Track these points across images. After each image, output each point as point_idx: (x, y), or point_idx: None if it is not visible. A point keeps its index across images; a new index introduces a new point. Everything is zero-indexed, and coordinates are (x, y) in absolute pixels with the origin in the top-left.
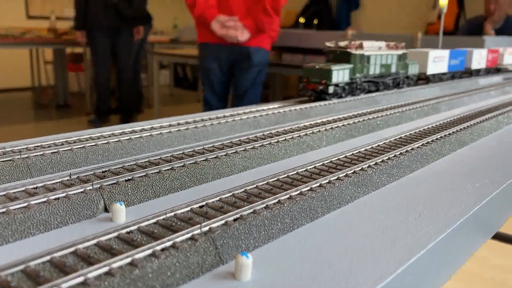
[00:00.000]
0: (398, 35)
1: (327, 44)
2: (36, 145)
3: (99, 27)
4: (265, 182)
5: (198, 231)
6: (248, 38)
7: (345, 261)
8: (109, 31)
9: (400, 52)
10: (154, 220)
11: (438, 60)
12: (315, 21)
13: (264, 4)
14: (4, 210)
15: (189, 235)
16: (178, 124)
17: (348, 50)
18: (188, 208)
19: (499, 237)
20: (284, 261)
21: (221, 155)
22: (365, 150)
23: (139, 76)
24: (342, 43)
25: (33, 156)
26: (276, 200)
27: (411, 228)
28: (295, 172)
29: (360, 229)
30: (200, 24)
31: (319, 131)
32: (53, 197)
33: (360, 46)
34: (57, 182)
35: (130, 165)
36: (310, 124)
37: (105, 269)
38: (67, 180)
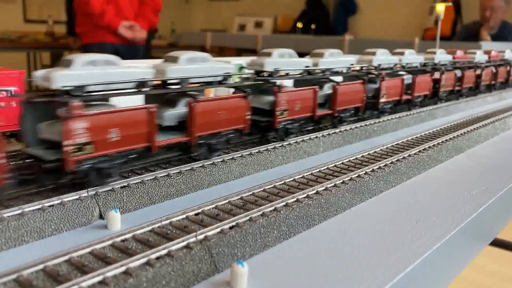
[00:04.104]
0: (395, 40)
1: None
2: None
3: None
4: (262, 189)
5: (194, 239)
6: (145, 37)
7: (342, 270)
8: None
9: None
10: (149, 228)
11: None
12: (313, 26)
13: (150, 8)
14: None
15: (184, 243)
16: None
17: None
18: (184, 216)
19: (497, 243)
20: (280, 270)
21: (218, 162)
22: (362, 156)
23: None
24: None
25: None
26: (273, 208)
27: (407, 236)
28: (291, 178)
29: (357, 237)
30: (95, 26)
31: (316, 137)
32: (48, 204)
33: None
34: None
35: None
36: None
37: (99, 278)
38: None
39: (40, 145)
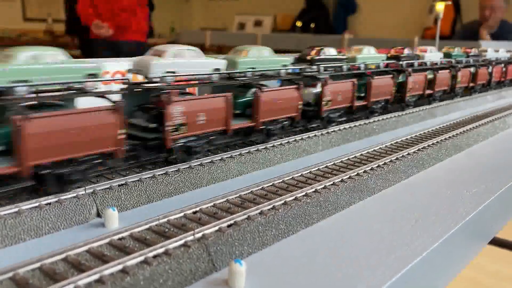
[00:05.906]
0: (395, 39)
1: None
2: None
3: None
4: (260, 187)
5: (191, 237)
6: (111, 34)
7: (341, 269)
8: None
9: None
10: (147, 226)
11: None
12: (312, 25)
13: (114, 7)
14: None
15: (182, 241)
16: None
17: None
18: (182, 214)
19: (497, 242)
20: (278, 269)
21: (216, 160)
22: (361, 155)
23: None
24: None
25: None
26: (271, 206)
27: (407, 235)
28: (290, 177)
29: (356, 236)
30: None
31: (315, 135)
32: (45, 202)
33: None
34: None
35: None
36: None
37: (96, 276)
38: None
39: None
